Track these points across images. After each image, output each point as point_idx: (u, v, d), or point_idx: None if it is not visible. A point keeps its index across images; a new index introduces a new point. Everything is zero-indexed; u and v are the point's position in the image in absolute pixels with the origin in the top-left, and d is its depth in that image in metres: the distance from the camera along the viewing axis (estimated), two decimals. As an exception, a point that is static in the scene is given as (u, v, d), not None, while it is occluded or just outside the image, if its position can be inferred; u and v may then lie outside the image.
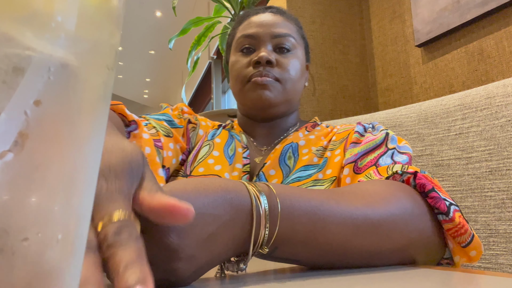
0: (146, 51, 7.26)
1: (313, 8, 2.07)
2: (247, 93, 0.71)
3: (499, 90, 0.76)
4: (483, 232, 0.73)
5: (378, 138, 0.63)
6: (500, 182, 0.72)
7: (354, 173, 0.60)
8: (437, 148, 0.82)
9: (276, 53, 0.72)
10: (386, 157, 0.59)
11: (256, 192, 0.33)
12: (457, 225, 0.42)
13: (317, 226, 0.35)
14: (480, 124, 0.76)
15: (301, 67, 0.75)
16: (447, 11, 1.63)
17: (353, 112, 2.02)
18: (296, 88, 0.73)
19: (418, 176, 0.47)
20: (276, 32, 0.72)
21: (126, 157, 0.27)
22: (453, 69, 1.64)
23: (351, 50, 2.12)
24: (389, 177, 0.50)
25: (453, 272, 0.35)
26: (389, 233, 0.39)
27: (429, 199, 0.44)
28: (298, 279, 0.33)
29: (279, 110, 0.73)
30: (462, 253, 0.44)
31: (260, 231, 0.32)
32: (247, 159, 0.71)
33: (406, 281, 0.31)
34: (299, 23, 0.80)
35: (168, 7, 5.49)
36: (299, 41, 0.76)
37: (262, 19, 0.74)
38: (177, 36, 1.96)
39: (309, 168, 0.65)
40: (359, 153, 0.62)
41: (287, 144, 0.71)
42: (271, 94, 0.69)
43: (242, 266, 0.33)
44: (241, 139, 0.76)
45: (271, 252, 0.34)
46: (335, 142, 0.69)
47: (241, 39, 0.74)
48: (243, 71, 0.72)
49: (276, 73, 0.70)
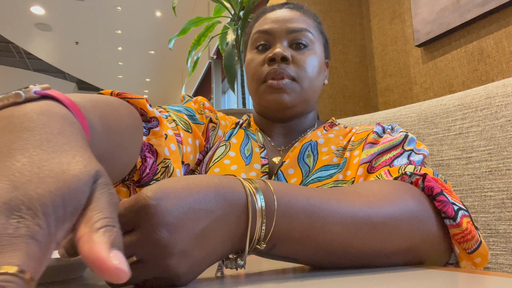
0: (146, 51, 7.26)
1: (313, 8, 2.07)
2: (263, 95, 0.69)
3: (499, 90, 0.76)
4: (483, 232, 0.73)
5: (397, 139, 0.61)
6: (500, 182, 0.72)
7: (367, 173, 0.58)
8: (437, 148, 0.82)
9: (292, 49, 0.69)
10: (401, 158, 0.57)
11: (252, 189, 0.32)
12: (463, 230, 0.41)
13: (316, 225, 0.34)
14: (480, 124, 0.76)
15: (319, 63, 0.71)
16: (447, 11, 1.63)
17: (353, 112, 2.02)
18: (314, 86, 0.70)
19: (427, 178, 0.46)
20: (292, 27, 0.69)
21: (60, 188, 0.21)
22: (453, 69, 1.64)
23: (351, 50, 2.12)
24: (397, 178, 0.49)
25: (453, 272, 0.35)
26: (392, 235, 0.38)
27: (436, 203, 0.43)
28: (298, 280, 0.33)
29: (297, 110, 0.70)
30: (468, 259, 0.44)
31: (256, 227, 0.32)
32: (265, 159, 0.69)
33: (406, 281, 0.31)
34: (318, 18, 0.77)
35: (168, 7, 5.49)
36: (317, 36, 0.72)
37: (278, 14, 0.71)
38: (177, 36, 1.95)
39: (329, 168, 0.63)
40: (375, 153, 0.60)
41: (306, 142, 0.69)
42: (288, 97, 0.67)
43: (240, 262, 0.33)
44: (258, 139, 0.73)
45: (270, 250, 0.34)
46: (354, 142, 0.67)
47: (256, 35, 0.72)
48: (258, 69, 0.69)
49: (292, 71, 0.67)
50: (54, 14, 6.13)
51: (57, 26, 6.57)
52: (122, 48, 7.25)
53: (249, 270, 0.39)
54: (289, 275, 0.35)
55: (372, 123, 0.97)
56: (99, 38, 6.86)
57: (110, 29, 6.46)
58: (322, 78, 0.74)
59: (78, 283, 0.35)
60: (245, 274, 0.36)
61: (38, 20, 6.35)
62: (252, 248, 0.33)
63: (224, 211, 0.31)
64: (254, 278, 0.34)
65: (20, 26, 6.64)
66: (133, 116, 0.50)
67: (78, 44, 7.21)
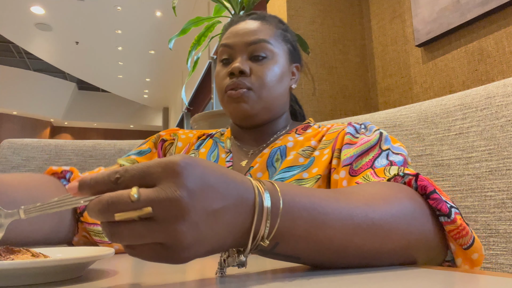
0: (146, 51, 7.26)
1: (313, 8, 2.07)
2: (226, 105, 0.74)
3: (499, 90, 0.76)
4: (483, 232, 0.73)
5: (373, 139, 0.63)
6: (500, 182, 0.72)
7: (350, 176, 0.61)
8: (437, 148, 0.82)
9: (252, 61, 0.73)
10: (381, 158, 0.59)
11: (261, 188, 0.34)
12: (458, 226, 0.42)
13: (317, 222, 0.35)
14: (480, 124, 0.76)
15: (282, 71, 0.75)
16: (447, 11, 1.63)
17: (353, 112, 2.02)
18: (274, 93, 0.73)
19: (420, 178, 0.47)
20: (250, 40, 0.73)
21: None
22: (453, 69, 1.64)
23: (351, 50, 2.12)
24: (390, 179, 0.51)
25: (453, 272, 0.35)
26: (390, 233, 0.39)
27: (430, 201, 0.44)
28: (299, 279, 0.33)
29: (261, 117, 0.74)
30: (464, 256, 0.44)
31: (261, 225, 0.33)
32: (230, 162, 0.73)
33: (406, 281, 0.31)
34: (283, 25, 0.80)
35: (168, 7, 5.49)
36: (278, 45, 0.76)
37: (239, 28, 0.76)
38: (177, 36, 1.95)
39: (294, 169, 0.66)
40: (354, 155, 0.62)
41: (276, 148, 0.72)
42: (246, 106, 0.71)
43: (242, 258, 0.33)
44: (225, 145, 0.78)
45: (272, 248, 0.35)
46: (326, 142, 0.70)
47: (221, 48, 0.76)
48: (221, 82, 0.74)
49: (249, 82, 0.71)
50: (54, 14, 6.14)
51: (57, 26, 6.58)
52: (122, 48, 7.25)
53: (252, 269, 0.39)
54: (289, 275, 0.35)
55: (372, 123, 0.97)
56: (99, 38, 6.86)
57: (110, 29, 6.46)
58: (286, 84, 0.77)
59: (78, 283, 0.35)
60: (248, 273, 0.36)
61: (38, 20, 6.35)
62: (255, 245, 0.33)
63: (235, 202, 0.32)
64: (255, 278, 0.34)
65: (20, 26, 6.65)
66: (48, 182, 0.66)
67: (78, 44, 7.21)
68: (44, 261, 0.33)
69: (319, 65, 2.01)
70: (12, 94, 10.09)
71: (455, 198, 0.78)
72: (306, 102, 1.94)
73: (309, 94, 1.96)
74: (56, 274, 0.35)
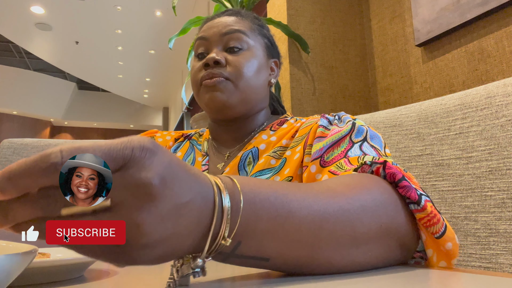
0: (146, 50, 7.26)
1: (313, 8, 2.07)
2: (201, 96, 0.71)
3: (499, 90, 0.76)
4: (483, 231, 0.73)
5: (344, 129, 0.60)
6: (500, 181, 0.72)
7: (321, 167, 0.58)
8: (437, 148, 0.82)
9: (227, 52, 0.71)
10: (354, 149, 0.57)
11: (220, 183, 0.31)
12: (429, 213, 0.41)
13: (282, 211, 0.33)
14: (480, 124, 0.76)
15: (259, 64, 0.73)
16: (447, 10, 1.63)
17: (353, 112, 2.02)
18: (252, 85, 0.71)
19: (387, 166, 0.45)
20: (225, 30, 0.72)
21: None
22: (453, 68, 1.64)
23: (351, 50, 2.12)
24: (357, 169, 0.49)
25: (453, 272, 0.35)
26: (360, 216, 0.37)
27: (399, 189, 0.43)
28: (296, 281, 0.33)
29: (237, 111, 0.71)
30: (436, 247, 0.42)
31: (222, 222, 0.30)
32: (206, 165, 0.72)
33: (405, 281, 0.31)
34: (259, 21, 0.79)
35: (168, 7, 5.48)
36: (254, 38, 0.74)
37: (215, 21, 0.75)
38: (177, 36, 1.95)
39: (265, 172, 0.64)
40: (325, 146, 0.59)
41: (247, 151, 0.70)
42: (222, 95, 0.68)
43: (198, 262, 0.29)
44: (202, 147, 0.76)
45: (235, 249, 0.31)
46: (298, 138, 0.67)
47: (196, 42, 0.75)
48: (196, 75, 0.72)
49: (226, 71, 0.69)
50: (54, 14, 6.13)
51: (57, 26, 6.58)
52: (122, 48, 7.25)
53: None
54: (285, 278, 0.35)
55: (372, 123, 0.97)
56: (99, 37, 6.86)
57: (110, 28, 6.45)
58: (264, 77, 0.75)
59: (78, 283, 0.35)
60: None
61: (38, 20, 6.35)
62: (216, 248, 0.30)
63: (197, 198, 0.29)
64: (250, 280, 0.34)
65: (20, 26, 6.64)
66: None
67: (78, 43, 7.21)
68: (44, 261, 0.33)
69: (319, 65, 2.00)
70: (12, 94, 10.09)
71: (455, 198, 0.78)
72: (306, 102, 1.94)
73: (309, 93, 1.96)
74: (56, 274, 0.35)
